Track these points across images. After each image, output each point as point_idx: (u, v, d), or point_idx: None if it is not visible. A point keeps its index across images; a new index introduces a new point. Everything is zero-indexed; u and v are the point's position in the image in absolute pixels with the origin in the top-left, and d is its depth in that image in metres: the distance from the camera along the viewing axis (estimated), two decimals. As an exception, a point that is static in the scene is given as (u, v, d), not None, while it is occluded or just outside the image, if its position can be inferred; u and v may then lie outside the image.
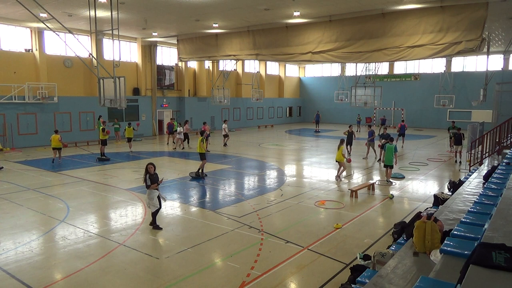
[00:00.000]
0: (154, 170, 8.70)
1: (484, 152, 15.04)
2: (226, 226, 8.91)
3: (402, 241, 6.29)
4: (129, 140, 21.02)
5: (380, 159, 18.21)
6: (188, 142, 23.03)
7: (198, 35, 24.45)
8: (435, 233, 4.45)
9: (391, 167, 13.65)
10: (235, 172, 15.83)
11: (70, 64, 24.66)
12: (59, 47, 24.24)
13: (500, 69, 31.02)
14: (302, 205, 10.80)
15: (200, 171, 14.34)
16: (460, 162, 17.12)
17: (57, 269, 6.77)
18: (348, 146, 19.70)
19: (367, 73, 34.32)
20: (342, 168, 14.03)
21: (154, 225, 8.75)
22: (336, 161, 14.13)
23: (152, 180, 8.55)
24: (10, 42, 22.41)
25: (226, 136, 23.44)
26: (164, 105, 30.78)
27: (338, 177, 14.10)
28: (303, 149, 22.91)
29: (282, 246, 7.76)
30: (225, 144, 23.34)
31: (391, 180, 13.72)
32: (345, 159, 13.96)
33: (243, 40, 22.15)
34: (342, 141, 14.23)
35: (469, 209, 5.34)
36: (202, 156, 14.38)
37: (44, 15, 16.48)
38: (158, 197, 8.75)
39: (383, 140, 17.81)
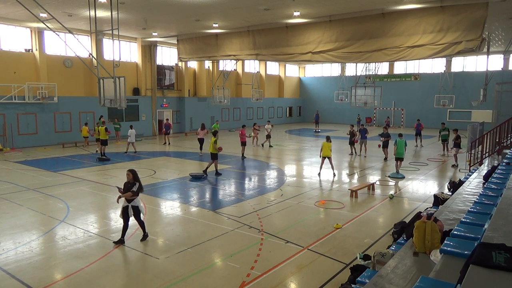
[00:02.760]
0: (132, 178, 7.81)
1: (484, 152, 15.02)
2: (226, 226, 8.91)
3: (402, 241, 6.28)
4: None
5: (386, 158, 18.34)
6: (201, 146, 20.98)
7: (198, 35, 24.45)
8: (435, 233, 4.44)
9: (401, 159, 14.73)
10: (235, 172, 15.83)
11: (70, 64, 24.66)
12: (59, 47, 24.24)
13: (500, 69, 31.00)
14: (302, 205, 10.80)
15: (206, 169, 14.56)
16: (457, 165, 16.52)
17: (57, 269, 6.77)
18: (350, 146, 20.20)
19: (367, 73, 34.30)
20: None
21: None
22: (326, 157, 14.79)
23: (125, 188, 7.81)
24: (10, 42, 22.41)
25: (269, 136, 23.18)
26: (164, 105, 30.78)
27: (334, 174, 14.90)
28: (303, 149, 22.90)
29: (282, 246, 7.76)
30: (270, 146, 23.09)
31: (393, 176, 14.47)
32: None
33: (243, 40, 22.14)
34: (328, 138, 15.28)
35: (469, 209, 5.33)
36: (214, 156, 14.61)
37: (44, 15, 16.47)
38: (127, 210, 7.80)
39: (382, 138, 18.00)
